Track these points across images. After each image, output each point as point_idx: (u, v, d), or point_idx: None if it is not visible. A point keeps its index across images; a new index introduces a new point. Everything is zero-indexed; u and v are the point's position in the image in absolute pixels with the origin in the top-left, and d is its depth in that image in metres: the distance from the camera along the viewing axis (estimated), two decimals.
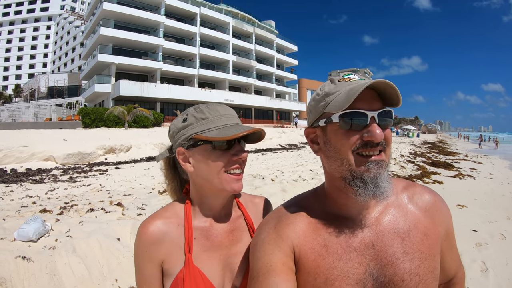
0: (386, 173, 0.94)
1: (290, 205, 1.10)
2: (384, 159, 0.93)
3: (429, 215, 1.03)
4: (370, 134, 0.90)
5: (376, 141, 0.90)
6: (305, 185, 7.64)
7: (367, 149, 0.91)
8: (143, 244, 1.11)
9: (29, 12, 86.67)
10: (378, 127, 0.90)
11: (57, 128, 24.69)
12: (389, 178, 0.95)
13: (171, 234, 1.13)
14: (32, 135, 14.47)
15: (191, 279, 1.06)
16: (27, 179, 9.04)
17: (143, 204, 5.35)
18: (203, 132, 1.10)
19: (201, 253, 1.13)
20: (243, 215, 1.27)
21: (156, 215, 1.17)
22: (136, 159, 14.35)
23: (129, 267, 3.42)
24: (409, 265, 0.92)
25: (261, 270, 0.95)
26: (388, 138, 0.94)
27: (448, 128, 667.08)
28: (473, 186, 9.90)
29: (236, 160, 1.11)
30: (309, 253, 0.97)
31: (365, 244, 0.96)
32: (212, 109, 1.14)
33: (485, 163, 17.69)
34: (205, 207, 1.19)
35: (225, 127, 1.10)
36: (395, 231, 0.97)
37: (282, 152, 19.57)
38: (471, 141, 63.19)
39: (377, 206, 1.01)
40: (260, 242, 1.02)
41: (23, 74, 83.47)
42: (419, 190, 1.09)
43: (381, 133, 0.90)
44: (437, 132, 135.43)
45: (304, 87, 74.13)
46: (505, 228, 5.63)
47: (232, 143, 1.12)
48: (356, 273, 0.93)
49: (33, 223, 3.46)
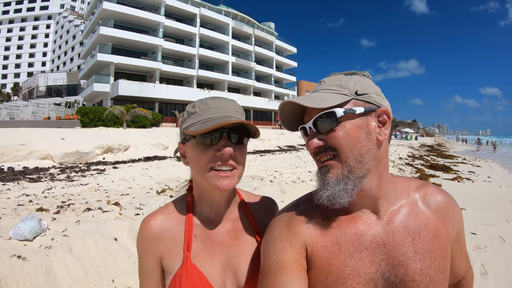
0: (331, 179, 0.93)
1: (303, 202, 1.09)
2: (329, 165, 0.94)
3: (440, 216, 1.02)
4: (307, 145, 0.97)
5: (308, 150, 0.97)
6: (304, 186, 7.63)
7: (318, 156, 0.97)
8: (144, 239, 1.11)
9: (29, 11, 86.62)
10: (313, 137, 0.95)
11: (55, 127, 24.60)
12: (343, 183, 0.92)
13: (172, 230, 1.11)
14: (30, 134, 14.42)
15: (188, 277, 1.04)
16: (24, 177, 9.01)
17: (140, 204, 5.31)
18: (189, 126, 1.07)
19: (201, 252, 1.10)
20: (247, 215, 1.23)
21: (158, 211, 1.16)
22: (134, 159, 14.34)
23: (126, 268, 3.39)
24: (420, 265, 0.92)
25: (272, 267, 0.94)
26: (334, 142, 0.93)
27: (446, 131, 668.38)
28: (472, 189, 9.91)
29: (220, 156, 1.04)
30: (321, 251, 0.95)
31: (376, 242, 0.95)
32: (203, 103, 1.10)
33: (483, 166, 17.75)
34: (205, 203, 1.16)
35: (208, 120, 1.05)
36: (405, 230, 0.97)
37: (281, 153, 19.60)
38: (469, 144, 63.49)
39: (388, 205, 1.00)
40: (272, 239, 1.01)
41: (22, 72, 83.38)
42: (431, 190, 1.07)
43: (317, 142, 0.94)
44: (435, 135, 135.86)
45: (303, 89, 74.20)
46: (504, 231, 5.62)
47: (217, 138, 1.05)
48: (368, 272, 0.92)
49: (29, 222, 3.43)
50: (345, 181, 0.91)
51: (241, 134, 1.10)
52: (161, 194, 6.45)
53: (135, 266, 3.43)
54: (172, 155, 16.18)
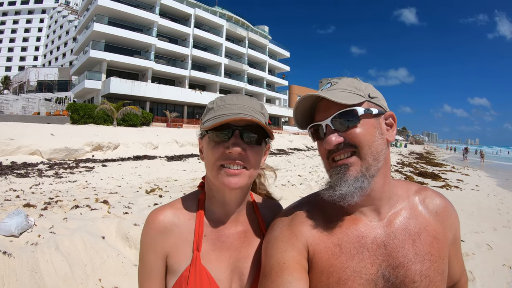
0: (351, 178, 0.93)
1: (304, 203, 1.09)
2: (348, 163, 0.94)
3: (439, 219, 1.05)
4: (326, 142, 0.95)
5: (328, 148, 0.95)
6: (294, 190, 7.64)
7: (333, 154, 0.96)
8: (150, 233, 1.06)
9: (23, 4, 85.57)
10: (332, 134, 0.94)
11: (45, 122, 24.35)
12: (359, 184, 0.93)
13: (181, 227, 1.08)
14: (19, 128, 14.23)
15: (196, 279, 1.00)
16: (12, 172, 8.90)
17: (129, 202, 5.26)
18: (205, 122, 1.06)
19: (210, 253, 1.08)
20: (257, 218, 1.21)
21: (168, 205, 1.13)
22: (123, 158, 14.24)
23: (113, 267, 3.35)
24: (419, 266, 0.94)
25: (274, 268, 0.94)
26: (354, 139, 0.94)
27: (435, 140, 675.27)
28: (460, 197, 10.01)
29: (228, 154, 1.01)
30: (323, 252, 0.96)
31: (377, 244, 0.96)
32: (221, 99, 1.09)
33: (471, 175, 17.97)
34: (216, 202, 1.13)
35: (220, 116, 1.02)
36: (406, 232, 0.98)
37: (271, 157, 19.61)
38: (458, 152, 64.54)
39: (389, 207, 1.02)
40: (273, 239, 1.01)
41: (13, 66, 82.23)
42: (430, 194, 1.10)
43: (337, 139, 0.93)
44: (424, 143, 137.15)
45: (294, 93, 74.56)
46: (492, 239, 5.68)
47: (228, 136, 1.02)
48: (368, 273, 0.93)
49: (15, 217, 3.38)
50: (362, 179, 0.93)
51: (259, 135, 1.06)
52: (151, 193, 6.40)
53: (123, 265, 3.40)
54: (162, 155, 16.18)
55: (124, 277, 3.28)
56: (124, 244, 3.78)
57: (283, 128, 59.30)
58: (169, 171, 10.73)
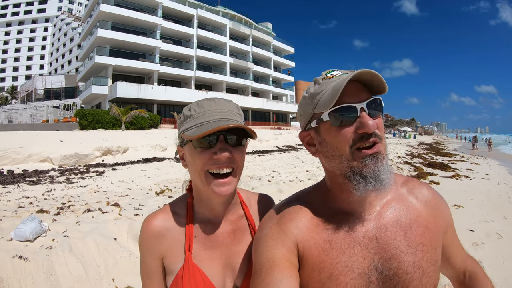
0: (385, 164, 0.93)
1: (293, 200, 1.09)
2: (380, 151, 0.92)
3: (429, 208, 1.04)
4: (362, 125, 0.90)
5: (369, 132, 0.89)
6: (302, 185, 7.64)
7: (363, 142, 0.90)
8: (145, 238, 1.12)
9: (26, 14, 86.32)
10: (369, 118, 0.90)
11: (54, 129, 24.62)
12: (390, 168, 0.95)
13: (173, 230, 1.13)
14: (29, 137, 14.42)
15: (190, 277, 1.06)
16: (24, 180, 9.01)
17: (140, 204, 5.33)
18: (186, 130, 1.07)
19: (202, 252, 1.12)
20: (246, 215, 1.24)
21: (159, 211, 1.18)
22: (133, 161, 14.33)
23: (126, 267, 3.42)
24: (412, 257, 0.94)
25: (264, 266, 0.94)
26: (380, 128, 0.94)
27: (445, 130, 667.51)
28: (470, 187, 9.90)
29: (216, 159, 1.03)
30: (313, 249, 0.97)
31: (368, 237, 0.96)
32: (199, 105, 1.10)
33: (481, 163, 17.72)
34: (204, 205, 1.16)
35: (203, 124, 1.04)
36: (397, 224, 0.98)
37: (279, 153, 19.61)
38: (468, 140, 64.36)
39: (379, 200, 1.02)
40: (263, 237, 1.01)
41: (20, 75, 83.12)
42: (417, 184, 1.10)
43: (374, 123, 0.90)
44: (434, 134, 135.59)
45: (301, 89, 74.25)
46: (502, 227, 5.63)
47: (214, 141, 1.05)
48: (361, 267, 0.93)
49: (30, 223, 3.46)
50: (389, 165, 0.95)
51: (239, 136, 1.09)
52: (160, 194, 6.47)
53: (135, 265, 3.46)
54: (171, 157, 16.23)
55: (137, 276, 3.33)
56: (136, 244, 3.84)
57: (291, 124, 59.34)
58: (178, 172, 10.78)
